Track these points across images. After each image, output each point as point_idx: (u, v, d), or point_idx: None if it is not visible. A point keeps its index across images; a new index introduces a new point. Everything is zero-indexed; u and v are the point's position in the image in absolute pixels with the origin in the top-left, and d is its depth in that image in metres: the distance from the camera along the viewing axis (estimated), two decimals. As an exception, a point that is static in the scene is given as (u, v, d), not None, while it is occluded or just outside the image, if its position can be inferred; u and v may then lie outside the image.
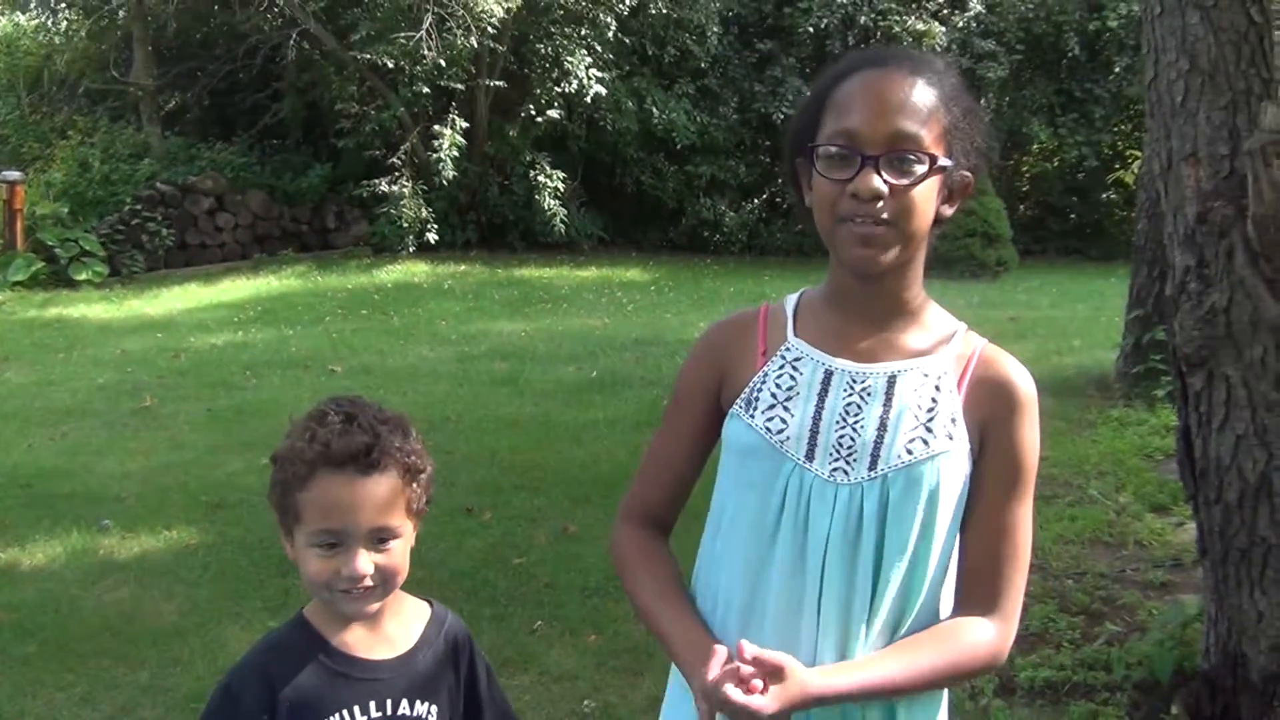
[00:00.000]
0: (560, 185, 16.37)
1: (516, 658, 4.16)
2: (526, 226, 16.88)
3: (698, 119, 17.13)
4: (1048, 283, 14.82)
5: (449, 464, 6.45)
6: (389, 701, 1.74)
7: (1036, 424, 1.66)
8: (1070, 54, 17.93)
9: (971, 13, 18.26)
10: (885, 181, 1.54)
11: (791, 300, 1.76)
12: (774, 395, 1.66)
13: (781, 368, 1.68)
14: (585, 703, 3.84)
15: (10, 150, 16.20)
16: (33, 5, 17.74)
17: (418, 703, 1.76)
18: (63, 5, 17.12)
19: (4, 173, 13.82)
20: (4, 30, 18.77)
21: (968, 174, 1.62)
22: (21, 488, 6.20)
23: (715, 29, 17.24)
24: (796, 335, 1.70)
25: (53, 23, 17.81)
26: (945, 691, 1.73)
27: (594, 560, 4.91)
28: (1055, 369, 8.72)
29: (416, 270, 14.94)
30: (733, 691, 1.47)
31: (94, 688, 3.97)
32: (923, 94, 1.56)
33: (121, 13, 16.25)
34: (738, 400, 1.69)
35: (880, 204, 1.54)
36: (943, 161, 1.57)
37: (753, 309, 1.78)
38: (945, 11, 18.20)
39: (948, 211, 1.64)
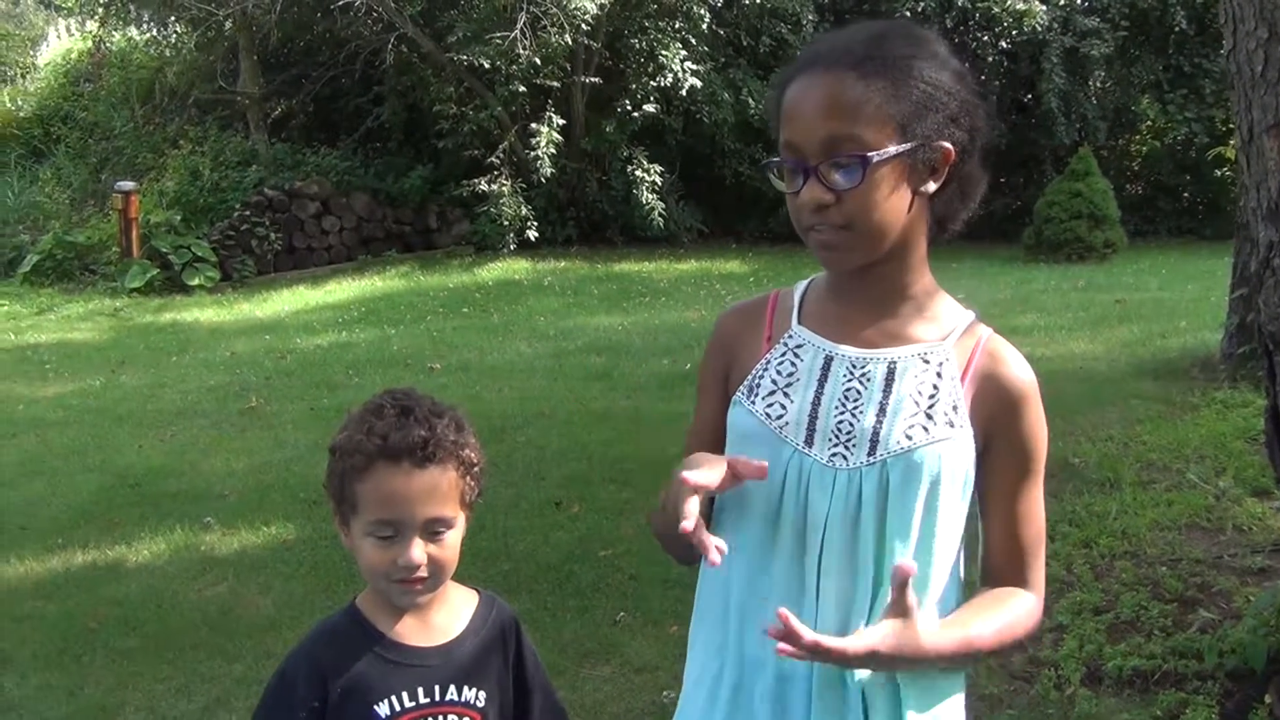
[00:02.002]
0: (658, 179, 16.36)
1: (598, 649, 4.20)
2: (626, 221, 16.91)
3: (795, 108, 16.99)
4: (1157, 264, 14.43)
5: (541, 458, 6.55)
6: (436, 687, 1.78)
7: (1041, 412, 1.65)
8: (1178, 28, 17.39)
9: (1074, -11, 17.87)
10: (829, 189, 1.53)
11: (800, 287, 1.76)
12: (774, 382, 1.67)
13: (784, 354, 1.69)
14: (665, 693, 3.86)
15: (126, 161, 16.71)
16: (145, 19, 18.29)
17: (465, 688, 1.80)
18: (172, 18, 17.59)
19: (119, 183, 14.28)
20: (118, 45, 19.37)
21: (945, 145, 1.57)
22: (131, 487, 6.43)
23: (810, 17, 17.09)
24: (800, 323, 1.71)
25: (163, 36, 18.32)
26: (962, 682, 1.71)
27: (679, 551, 4.93)
28: (1159, 351, 8.53)
29: (517, 268, 15.10)
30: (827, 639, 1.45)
31: (191, 680, 4.11)
32: (855, 88, 1.52)
33: (228, 24, 16.65)
34: (740, 387, 1.70)
35: (830, 210, 1.54)
36: (883, 154, 1.52)
37: (762, 296, 1.79)
38: (1047, -11, 17.81)
39: (932, 187, 1.60)
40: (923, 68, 1.56)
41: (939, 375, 1.62)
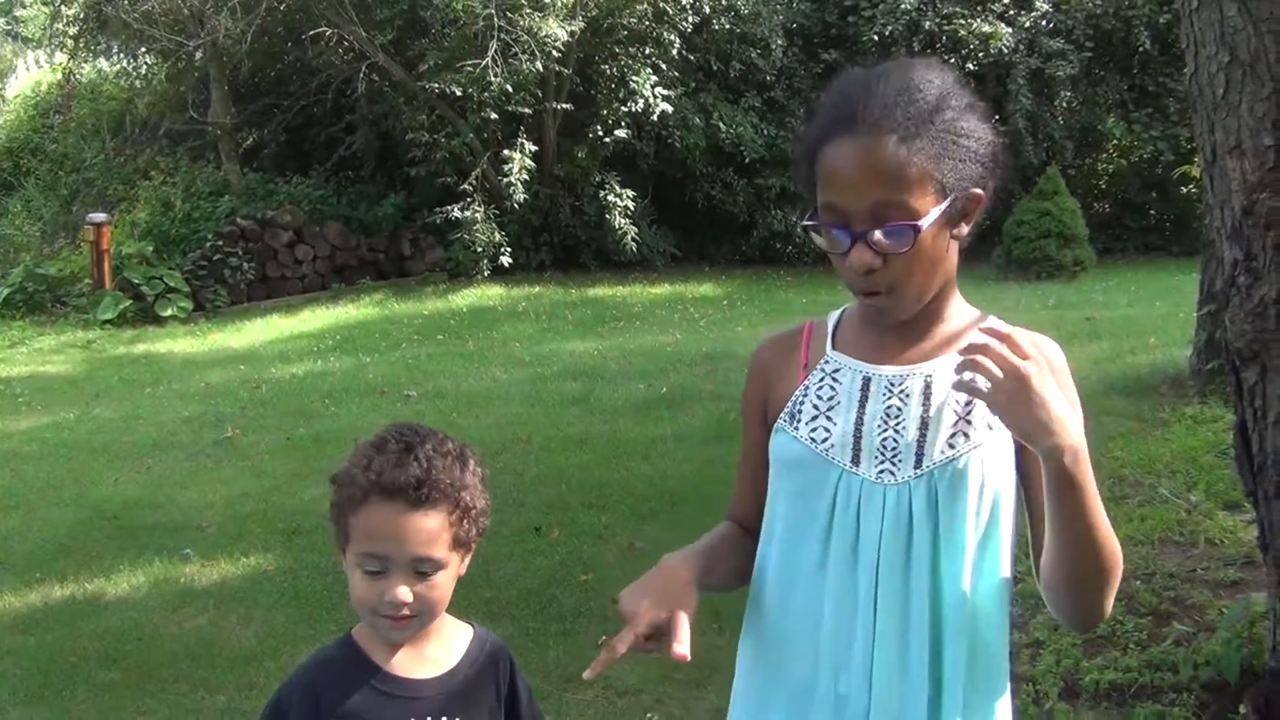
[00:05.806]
0: (630, 204, 16.44)
1: (581, 673, 4.21)
2: (599, 246, 16.99)
3: (765, 132, 17.11)
4: (1126, 281, 14.57)
5: (519, 484, 6.57)
6: (429, 718, 1.80)
7: (1070, 384, 1.62)
8: (1141, 49, 17.62)
9: (1038, 12, 18.02)
10: (878, 253, 1.56)
11: (834, 316, 1.80)
12: (816, 407, 1.71)
13: (822, 380, 1.73)
14: (649, 716, 3.89)
15: (97, 193, 16.67)
16: (115, 51, 18.27)
17: (457, 719, 1.83)
18: (142, 50, 17.58)
19: (91, 215, 14.25)
20: (88, 77, 19.33)
21: (976, 191, 1.61)
22: (108, 520, 6.41)
23: (779, 41, 17.23)
24: (834, 348, 1.75)
25: (133, 67, 18.30)
26: (1009, 700, 1.73)
27: (659, 575, 4.95)
28: (1129, 368, 8.61)
29: (491, 294, 15.12)
30: None
31: (174, 713, 4.11)
32: (898, 153, 1.53)
33: (198, 54, 16.66)
34: (781, 415, 1.74)
35: (876, 274, 1.58)
36: (931, 217, 1.55)
37: (796, 326, 1.83)
38: (1011, 12, 17.97)
39: (964, 230, 1.64)
40: (957, 120, 1.58)
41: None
